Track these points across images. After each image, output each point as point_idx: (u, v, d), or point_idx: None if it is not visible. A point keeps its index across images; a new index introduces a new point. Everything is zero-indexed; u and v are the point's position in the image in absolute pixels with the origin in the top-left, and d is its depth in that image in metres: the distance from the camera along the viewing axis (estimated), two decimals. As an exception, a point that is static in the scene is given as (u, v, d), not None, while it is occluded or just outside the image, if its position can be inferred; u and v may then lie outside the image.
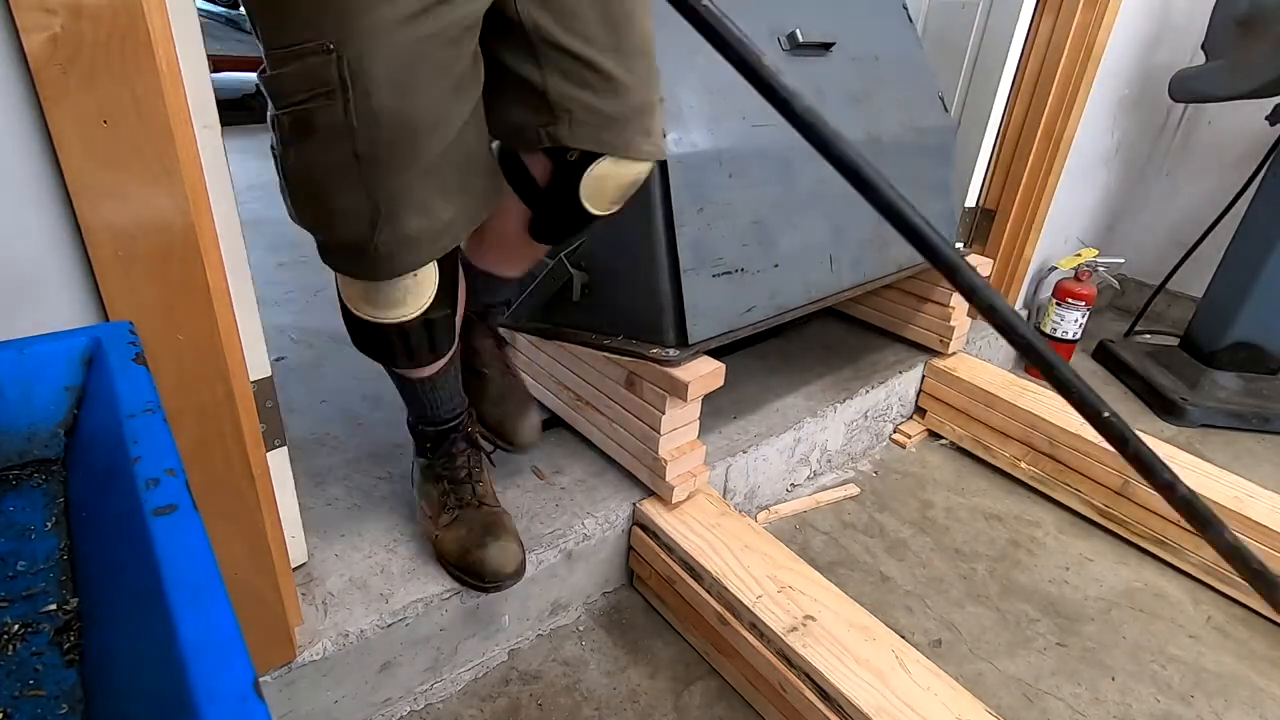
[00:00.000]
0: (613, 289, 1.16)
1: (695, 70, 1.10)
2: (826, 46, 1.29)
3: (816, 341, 1.78)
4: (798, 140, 1.17)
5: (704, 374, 1.07)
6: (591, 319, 1.22)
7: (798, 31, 1.22)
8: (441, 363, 0.94)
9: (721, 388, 1.11)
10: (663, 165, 1.01)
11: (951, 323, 1.67)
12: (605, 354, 1.18)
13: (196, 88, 0.68)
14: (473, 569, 0.97)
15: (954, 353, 1.75)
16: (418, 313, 0.82)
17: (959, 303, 1.66)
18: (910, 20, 1.50)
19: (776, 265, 1.20)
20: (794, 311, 1.24)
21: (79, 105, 0.55)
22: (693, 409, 1.16)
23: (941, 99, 1.51)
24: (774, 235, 1.19)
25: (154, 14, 0.57)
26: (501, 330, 1.22)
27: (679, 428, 1.16)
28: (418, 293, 0.81)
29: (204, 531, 0.36)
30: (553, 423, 1.37)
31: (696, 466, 1.20)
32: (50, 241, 0.58)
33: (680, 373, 1.06)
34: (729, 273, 1.13)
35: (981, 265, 1.59)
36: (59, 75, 0.53)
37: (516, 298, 1.29)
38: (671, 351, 1.08)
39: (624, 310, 1.16)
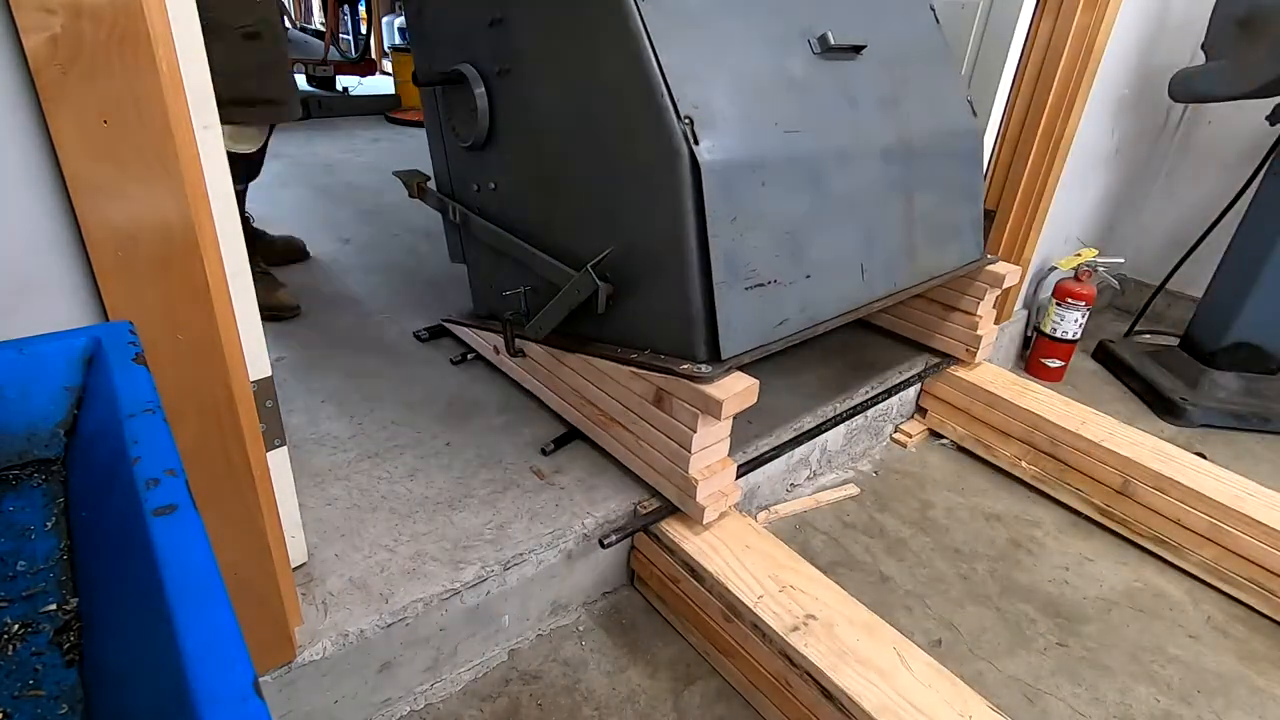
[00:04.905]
0: (640, 302, 1.12)
1: (726, 73, 1.06)
2: (857, 49, 1.25)
3: (816, 341, 1.78)
4: (830, 146, 1.15)
5: (738, 391, 1.03)
6: (617, 332, 1.18)
7: (829, 34, 1.19)
8: None
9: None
10: (696, 173, 0.98)
11: (979, 331, 1.64)
12: (632, 369, 1.14)
13: (196, 88, 0.68)
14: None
15: (980, 363, 1.72)
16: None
17: (986, 311, 1.62)
18: (937, 21, 1.46)
19: (808, 276, 1.15)
20: (826, 324, 1.19)
21: (79, 105, 0.55)
22: (724, 426, 1.11)
23: (970, 102, 1.47)
24: (806, 245, 1.14)
25: (154, 14, 0.57)
26: (519, 341, 1.33)
27: (710, 445, 1.11)
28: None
29: (204, 531, 0.36)
30: (571, 435, 1.35)
31: (727, 485, 1.16)
32: (50, 241, 0.58)
33: (714, 390, 1.02)
34: (761, 285, 1.08)
35: (982, 265, 1.58)
36: (59, 75, 0.53)
37: (539, 309, 1.28)
38: (704, 368, 1.04)
39: (652, 324, 1.11)
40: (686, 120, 0.98)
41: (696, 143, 0.98)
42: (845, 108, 1.22)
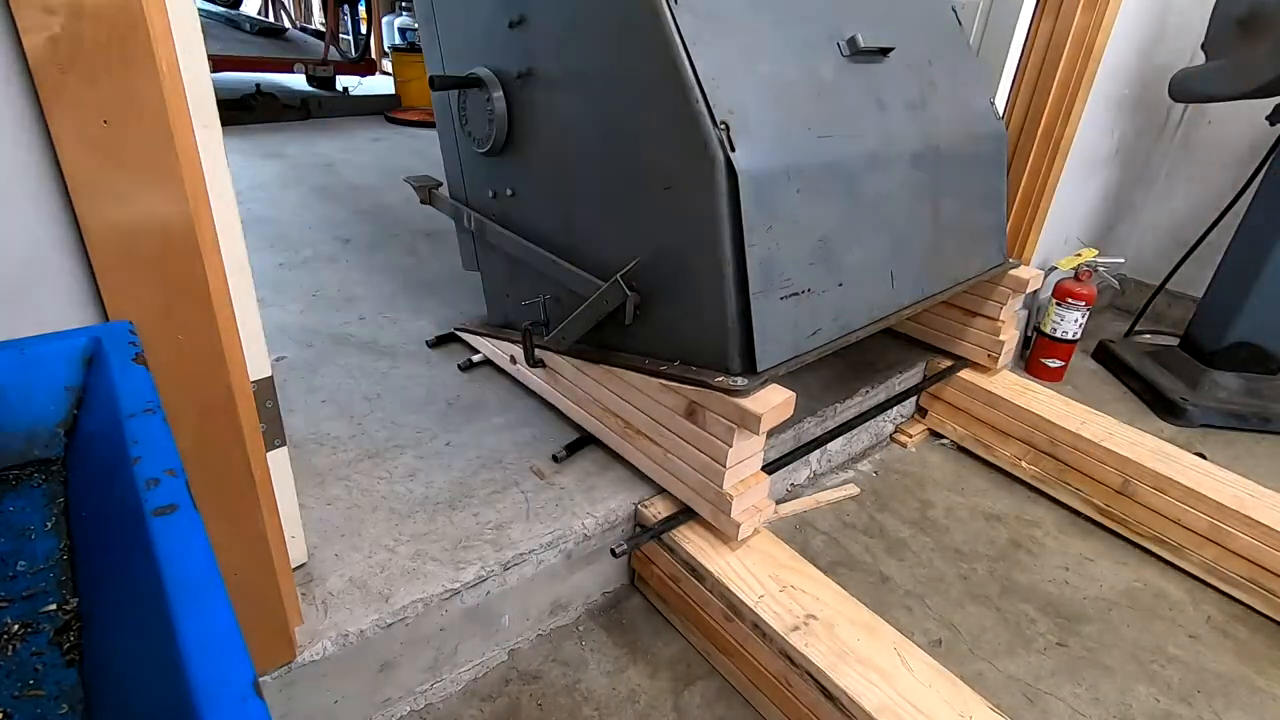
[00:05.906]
0: (669, 311, 1.09)
1: (758, 76, 1.03)
2: (885, 52, 1.23)
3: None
4: (861, 150, 1.14)
5: (776, 405, 0.99)
6: (643, 342, 1.15)
7: (858, 36, 1.17)
8: None
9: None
10: (732, 181, 0.95)
11: (1001, 337, 1.63)
12: (662, 381, 1.10)
13: (196, 88, 0.68)
14: None
15: (1002, 368, 1.70)
16: None
17: (1009, 316, 1.61)
18: (959, 24, 1.44)
19: (840, 285, 1.13)
20: (857, 333, 1.17)
21: (79, 105, 0.55)
22: (760, 440, 1.09)
23: (993, 105, 1.46)
24: (838, 252, 1.12)
25: (154, 14, 0.57)
26: (540, 352, 1.28)
27: (745, 460, 1.09)
28: None
29: (204, 531, 0.36)
30: (585, 441, 1.33)
31: (761, 500, 1.13)
32: (50, 241, 0.58)
33: (751, 404, 0.99)
34: (796, 294, 1.05)
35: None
36: (59, 75, 0.53)
37: (560, 322, 1.25)
38: (739, 380, 1.01)
39: (682, 334, 1.09)
40: (722, 126, 0.95)
41: (733, 149, 0.95)
42: (875, 111, 1.19)
